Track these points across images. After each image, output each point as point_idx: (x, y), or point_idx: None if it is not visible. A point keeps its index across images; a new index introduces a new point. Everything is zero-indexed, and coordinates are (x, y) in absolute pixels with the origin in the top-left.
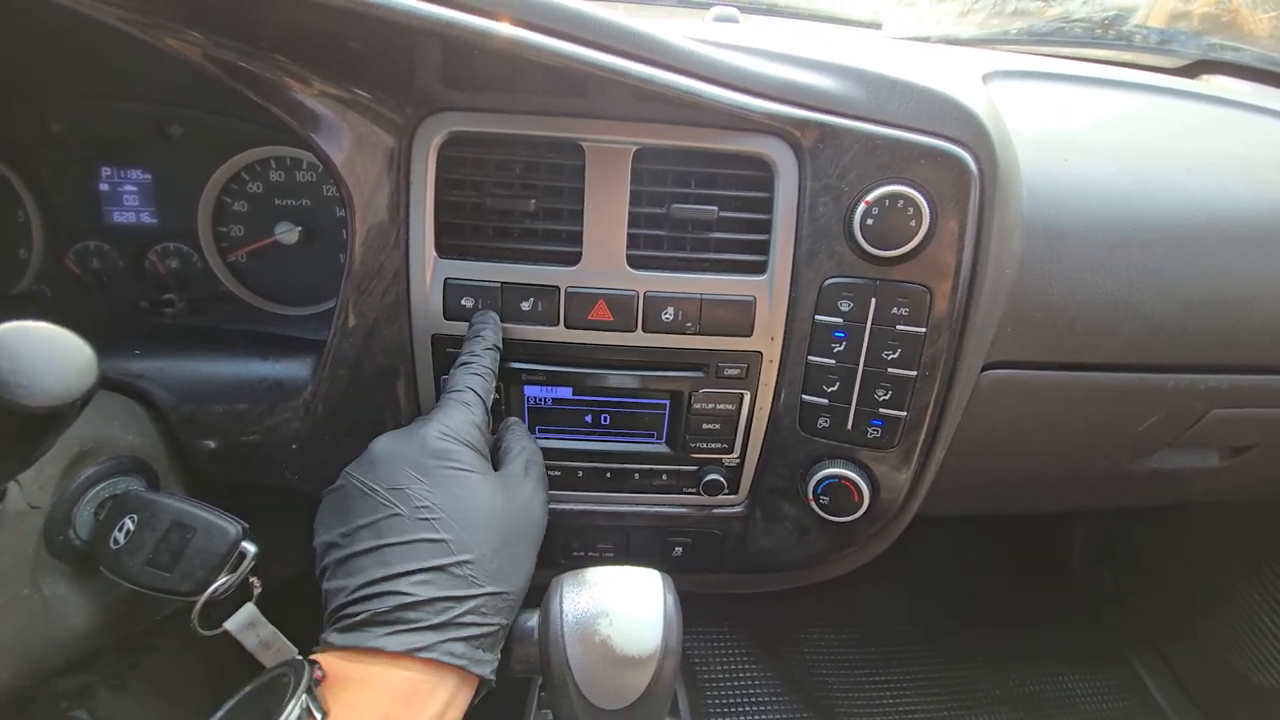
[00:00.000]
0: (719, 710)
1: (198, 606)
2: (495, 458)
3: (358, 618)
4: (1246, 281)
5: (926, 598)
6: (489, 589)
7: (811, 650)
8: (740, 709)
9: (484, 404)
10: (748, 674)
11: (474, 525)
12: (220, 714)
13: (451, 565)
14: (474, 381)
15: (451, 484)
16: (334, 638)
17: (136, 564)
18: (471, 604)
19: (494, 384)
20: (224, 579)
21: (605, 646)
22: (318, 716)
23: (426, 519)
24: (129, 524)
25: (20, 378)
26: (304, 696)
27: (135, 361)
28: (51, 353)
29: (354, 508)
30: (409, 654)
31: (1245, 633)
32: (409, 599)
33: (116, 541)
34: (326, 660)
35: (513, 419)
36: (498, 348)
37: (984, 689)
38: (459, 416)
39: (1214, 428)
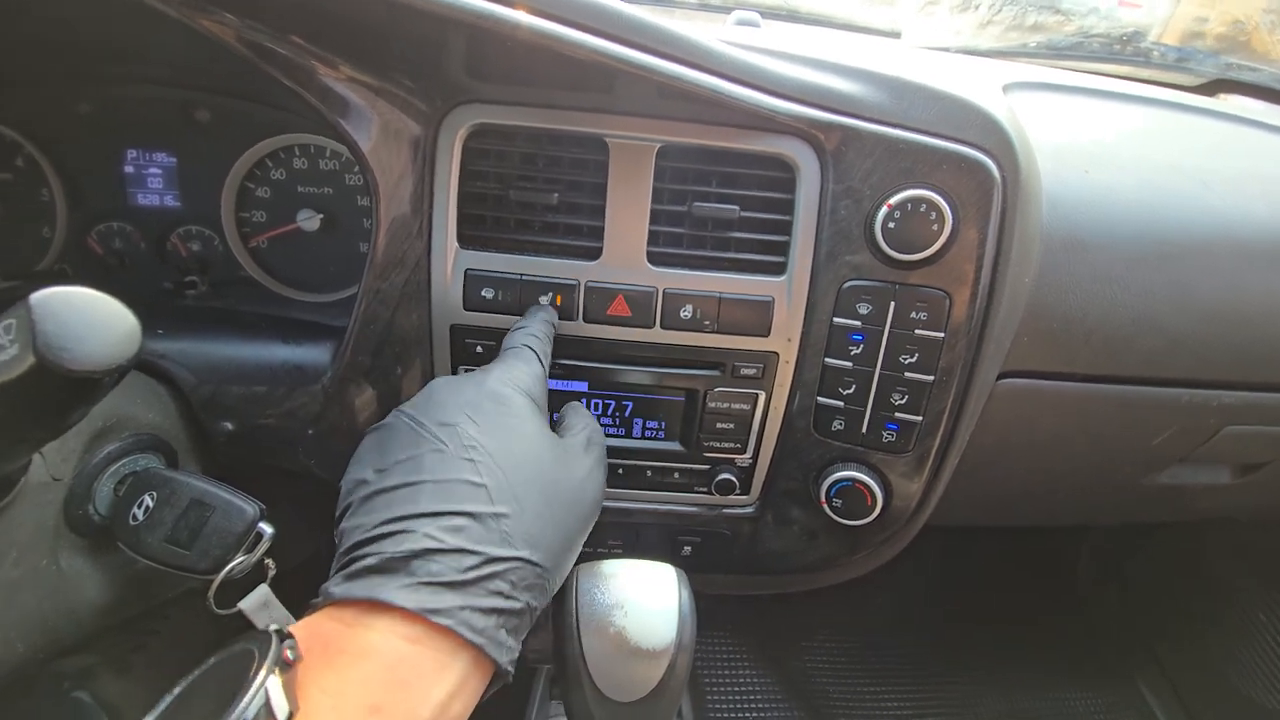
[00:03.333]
0: (720, 715)
1: (214, 585)
2: (555, 431)
3: (366, 560)
4: (1263, 298)
5: (931, 610)
6: (523, 553)
7: (814, 659)
8: (741, 715)
9: (541, 362)
10: (750, 680)
11: (519, 476)
12: (173, 696)
13: (487, 515)
14: (530, 340)
15: (503, 429)
16: (336, 587)
17: (155, 540)
18: (501, 567)
19: (550, 347)
20: (240, 558)
21: (620, 638)
22: (279, 714)
23: (470, 459)
24: (148, 501)
25: (65, 341)
26: (265, 686)
27: (158, 341)
28: (95, 317)
29: (396, 443)
30: (421, 614)
31: (1251, 654)
32: (432, 544)
33: (135, 518)
34: (318, 620)
35: (573, 403)
36: (553, 323)
37: (987, 703)
38: (519, 368)
39: (1226, 444)
